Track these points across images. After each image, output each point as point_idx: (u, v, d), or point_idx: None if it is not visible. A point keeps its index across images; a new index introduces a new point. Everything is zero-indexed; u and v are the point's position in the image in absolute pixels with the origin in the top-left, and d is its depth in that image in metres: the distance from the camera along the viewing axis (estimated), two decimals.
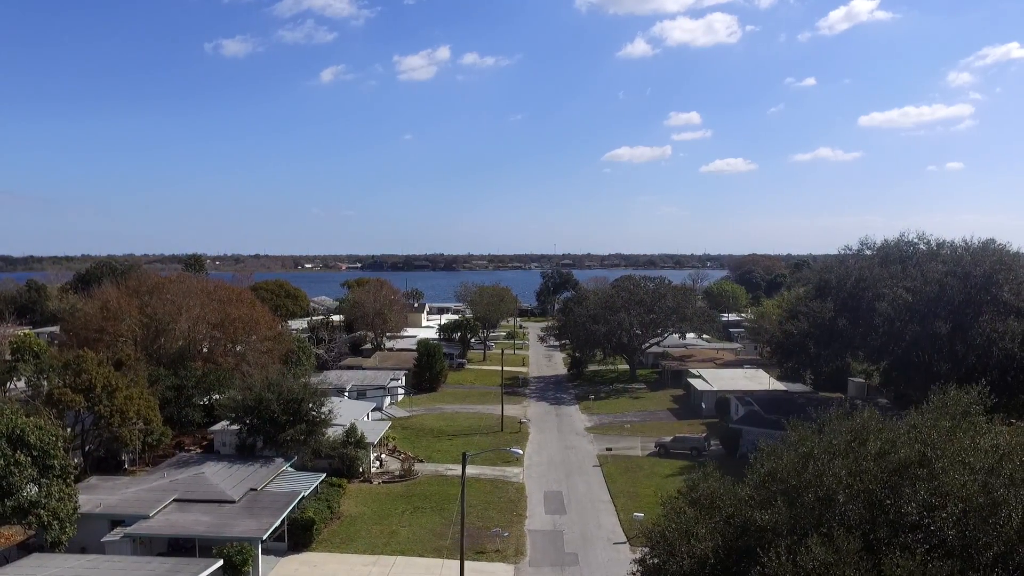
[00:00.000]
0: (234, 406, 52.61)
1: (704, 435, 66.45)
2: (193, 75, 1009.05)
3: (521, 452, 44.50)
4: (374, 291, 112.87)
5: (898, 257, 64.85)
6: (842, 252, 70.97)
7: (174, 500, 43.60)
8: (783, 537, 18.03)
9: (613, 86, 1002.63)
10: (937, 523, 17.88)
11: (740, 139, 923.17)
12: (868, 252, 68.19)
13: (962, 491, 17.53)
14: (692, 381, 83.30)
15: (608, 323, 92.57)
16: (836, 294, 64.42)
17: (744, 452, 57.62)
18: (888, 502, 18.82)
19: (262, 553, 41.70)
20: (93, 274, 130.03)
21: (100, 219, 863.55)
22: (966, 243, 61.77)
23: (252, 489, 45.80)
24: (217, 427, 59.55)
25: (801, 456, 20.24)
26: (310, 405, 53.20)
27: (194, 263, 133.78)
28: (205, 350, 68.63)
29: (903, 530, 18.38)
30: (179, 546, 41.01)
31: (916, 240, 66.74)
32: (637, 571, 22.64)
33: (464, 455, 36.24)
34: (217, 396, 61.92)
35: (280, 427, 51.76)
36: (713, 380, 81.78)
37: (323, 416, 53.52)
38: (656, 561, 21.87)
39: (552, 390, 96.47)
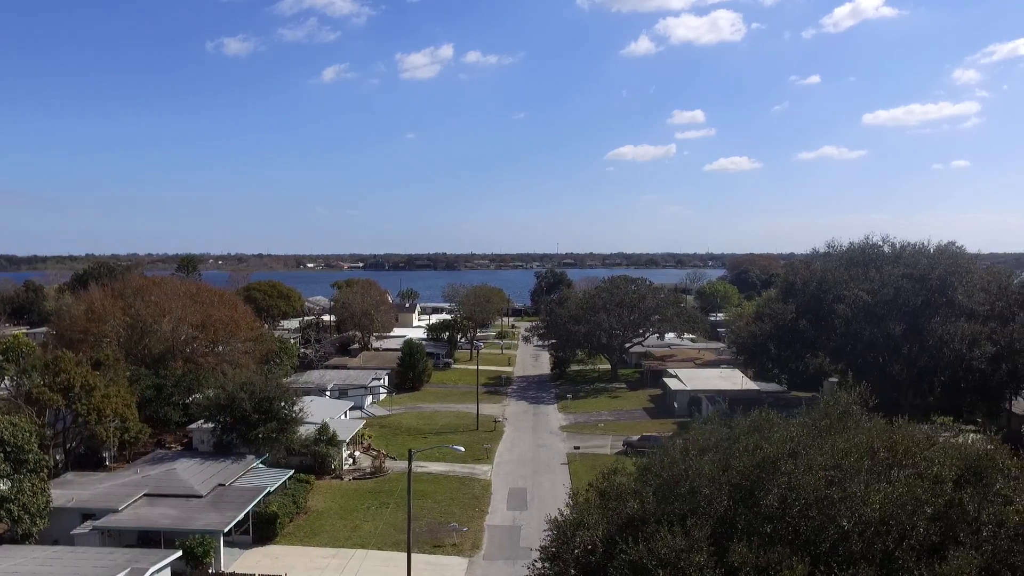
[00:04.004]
0: (207, 404, 54.56)
1: (671, 434, 68.00)
2: (195, 74, 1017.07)
3: (463, 449, 46.12)
4: (362, 291, 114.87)
5: (862, 260, 66.25)
6: (810, 254, 72.43)
7: (144, 495, 45.54)
8: (649, 526, 19.72)
9: (616, 84, 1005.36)
10: (791, 515, 19.58)
11: (744, 137, 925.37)
12: (834, 254, 69.61)
13: (807, 484, 19.18)
14: (667, 381, 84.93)
15: (588, 323, 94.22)
16: (800, 296, 65.92)
17: None
18: (752, 495, 20.50)
19: (228, 545, 43.71)
20: (90, 274, 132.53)
21: (103, 219, 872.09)
22: (923, 246, 63.18)
23: (220, 484, 47.64)
24: (195, 425, 61.52)
25: (680, 451, 21.94)
26: (282, 404, 55.00)
27: (187, 264, 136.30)
28: (189, 351, 70.62)
29: (764, 521, 20.07)
30: (148, 539, 42.92)
31: (880, 243, 68.14)
32: (539, 558, 24.38)
33: (410, 452, 38.15)
34: (198, 395, 63.90)
35: (252, 425, 53.60)
36: (688, 380, 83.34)
37: (294, 414, 55.33)
38: (554, 549, 23.59)
39: (534, 389, 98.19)
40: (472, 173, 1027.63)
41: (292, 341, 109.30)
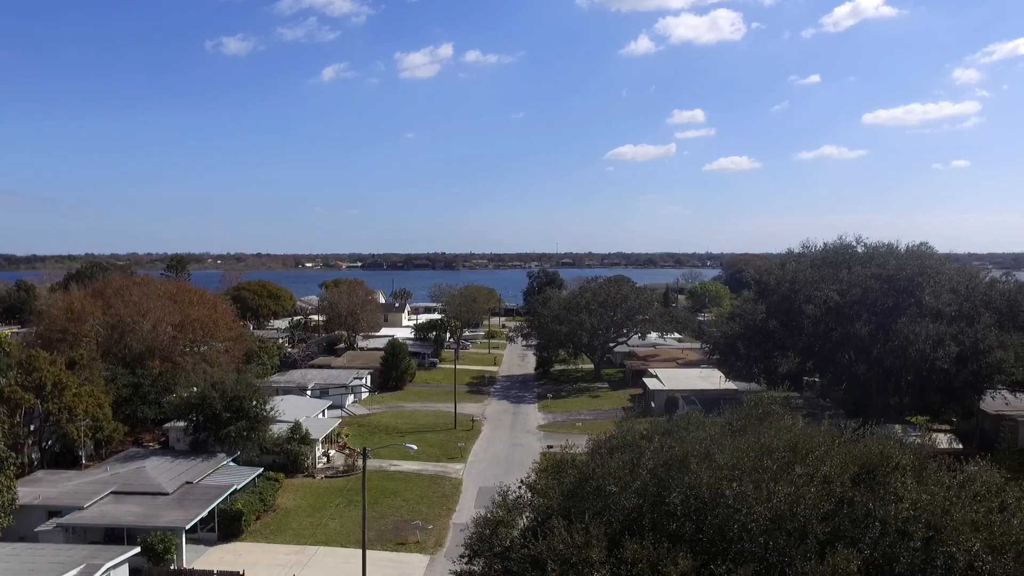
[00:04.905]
0: (178, 403, 55.26)
1: None
2: (194, 74, 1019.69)
3: (415, 448, 46.73)
4: (348, 291, 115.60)
5: (834, 260, 66.62)
6: (784, 254, 72.83)
7: (111, 492, 46.13)
8: (552, 522, 20.27)
9: (616, 84, 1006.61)
10: (692, 513, 20.11)
11: (744, 137, 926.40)
12: (808, 254, 69.96)
13: (705, 484, 19.69)
14: (647, 380, 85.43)
15: (570, 323, 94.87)
16: (772, 296, 66.35)
17: None
18: (659, 494, 21.02)
19: (194, 542, 44.39)
20: (83, 274, 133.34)
21: (103, 218, 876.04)
22: (891, 246, 63.59)
23: (188, 482, 48.27)
24: (170, 424, 62.19)
25: (594, 451, 22.50)
26: (253, 403, 55.61)
27: (176, 264, 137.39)
28: (167, 350, 71.22)
29: (669, 519, 20.60)
30: (115, 536, 43.56)
31: (854, 243, 68.49)
32: (465, 552, 24.98)
33: (364, 450, 38.67)
34: (174, 395, 64.57)
35: (223, 423, 54.24)
36: (666, 379, 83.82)
37: (265, 413, 55.93)
38: (477, 546, 24.17)
39: (517, 389, 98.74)
40: (471, 173, 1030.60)
41: (280, 340, 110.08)
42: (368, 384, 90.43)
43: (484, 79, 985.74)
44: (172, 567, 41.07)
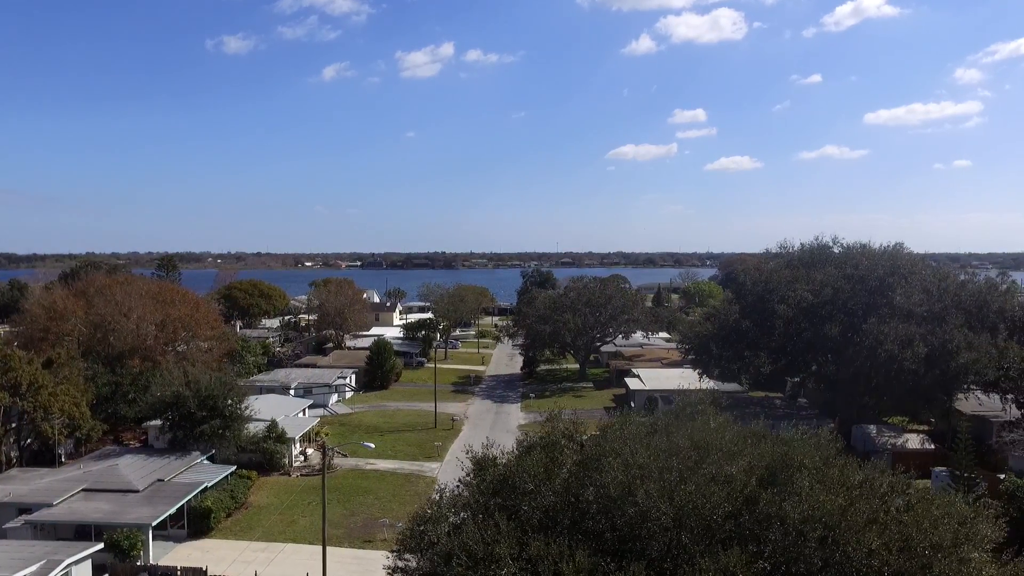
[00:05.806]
0: (154, 402, 55.92)
1: None
2: (195, 73, 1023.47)
3: (372, 446, 47.38)
4: (336, 290, 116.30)
5: (810, 261, 67.03)
6: (762, 254, 73.22)
7: (82, 490, 46.75)
8: (469, 519, 20.79)
9: (617, 83, 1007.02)
10: (606, 513, 20.59)
11: (746, 137, 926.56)
12: (785, 255, 70.38)
13: (614, 483, 20.19)
14: (628, 380, 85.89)
15: (554, 323, 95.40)
16: (748, 297, 66.77)
17: None
18: (576, 492, 21.53)
19: (163, 539, 45.09)
20: (77, 273, 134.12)
21: (104, 217, 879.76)
22: (863, 247, 64.01)
23: (159, 480, 48.89)
24: (149, 423, 62.83)
25: (518, 450, 23.02)
26: (228, 402, 56.21)
27: (166, 264, 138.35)
28: (149, 349, 71.84)
29: (586, 517, 21.10)
30: (84, 533, 44.20)
31: (830, 243, 68.89)
32: (396, 548, 25.56)
33: (324, 447, 39.25)
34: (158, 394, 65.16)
35: (197, 422, 54.87)
36: (648, 379, 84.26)
37: (239, 412, 56.52)
38: (408, 543, 24.74)
39: (501, 388, 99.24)
40: (472, 172, 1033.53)
41: (268, 340, 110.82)
42: (352, 383, 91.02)
43: (485, 78, 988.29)
44: (138, 563, 41.71)
